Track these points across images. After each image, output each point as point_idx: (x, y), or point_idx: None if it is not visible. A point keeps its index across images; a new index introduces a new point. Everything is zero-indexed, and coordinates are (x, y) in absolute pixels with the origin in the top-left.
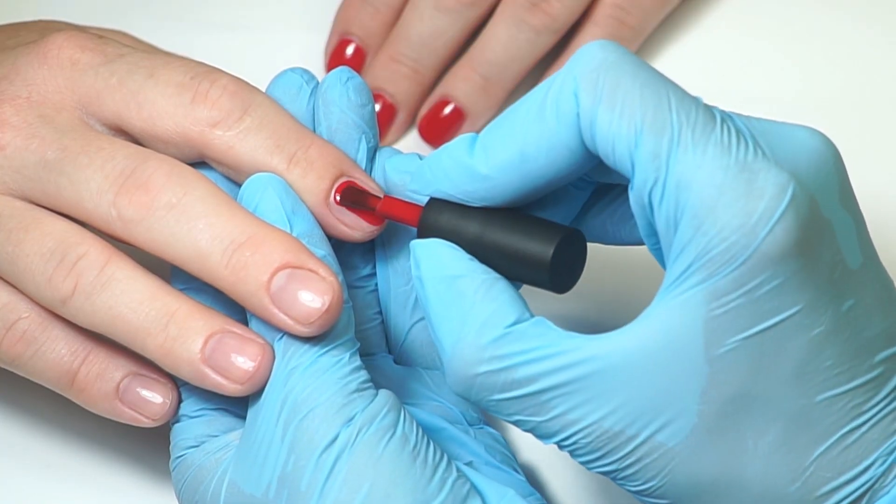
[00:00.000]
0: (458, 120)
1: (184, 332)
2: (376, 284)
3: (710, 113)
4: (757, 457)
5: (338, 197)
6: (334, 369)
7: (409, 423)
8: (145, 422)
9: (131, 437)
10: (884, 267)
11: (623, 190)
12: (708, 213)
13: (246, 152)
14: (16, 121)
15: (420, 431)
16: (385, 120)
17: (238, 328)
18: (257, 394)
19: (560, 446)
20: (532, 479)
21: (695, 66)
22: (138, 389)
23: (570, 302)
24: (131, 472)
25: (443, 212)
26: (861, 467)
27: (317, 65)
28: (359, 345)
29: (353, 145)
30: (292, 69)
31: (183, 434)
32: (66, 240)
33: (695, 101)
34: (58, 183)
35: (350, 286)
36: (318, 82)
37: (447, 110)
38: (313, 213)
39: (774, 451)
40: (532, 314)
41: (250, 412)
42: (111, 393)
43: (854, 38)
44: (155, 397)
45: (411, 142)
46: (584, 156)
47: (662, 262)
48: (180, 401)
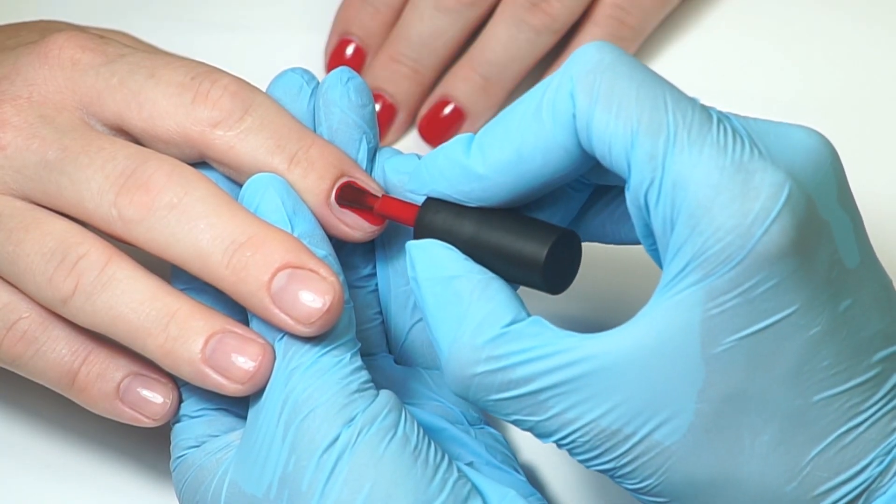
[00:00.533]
0: (458, 120)
1: (184, 332)
2: (377, 284)
3: (706, 113)
4: (754, 456)
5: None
6: (335, 369)
7: (410, 423)
8: (146, 422)
9: (132, 438)
10: (882, 267)
11: (621, 190)
12: (704, 213)
13: (247, 152)
14: (17, 121)
15: (421, 432)
16: (385, 120)
17: (239, 328)
18: (258, 394)
19: (558, 445)
20: (532, 479)
21: (695, 66)
22: (139, 389)
23: (568, 301)
24: (132, 472)
25: (439, 212)
26: (858, 467)
27: (317, 65)
28: (360, 345)
29: (353, 146)
30: (292, 69)
31: (184, 434)
32: (66, 240)
33: (691, 101)
34: (58, 183)
35: (351, 286)
36: (318, 82)
37: (447, 110)
38: (314, 213)
39: (771, 451)
40: (528, 314)
41: (251, 412)
42: (112, 393)
43: (854, 38)
44: (155, 397)
45: (411, 142)
46: (581, 157)
47: (659, 263)
48: (181, 401)
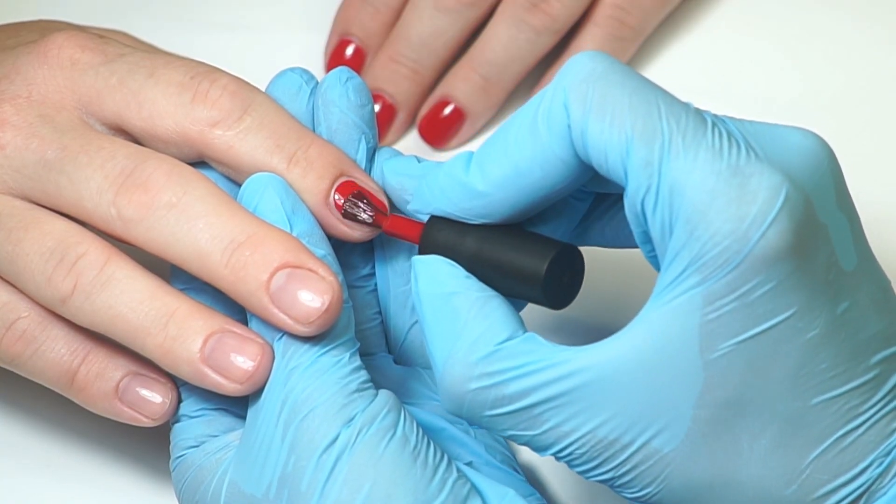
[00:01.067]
0: (458, 120)
1: (183, 331)
2: (376, 284)
3: (700, 118)
4: (752, 460)
5: (338, 197)
6: (334, 369)
7: (410, 423)
8: (145, 421)
9: (131, 437)
10: (880, 268)
11: (620, 196)
12: (701, 218)
13: (246, 152)
14: (16, 120)
15: (420, 432)
16: (385, 120)
17: (238, 328)
18: (257, 394)
19: (556, 457)
20: (532, 478)
21: (695, 66)
22: (138, 389)
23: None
24: (131, 472)
25: (442, 230)
26: (858, 469)
27: (317, 65)
28: (359, 345)
29: (352, 146)
30: (292, 69)
31: (183, 434)
32: (65, 239)
33: (685, 106)
34: (58, 182)
35: (350, 286)
36: (317, 82)
37: (447, 110)
38: (313, 212)
39: (770, 454)
40: (525, 330)
41: (250, 412)
42: (111, 392)
43: (854, 38)
44: (154, 397)
45: (411, 142)
46: (579, 167)
47: (659, 269)
48: (180, 400)
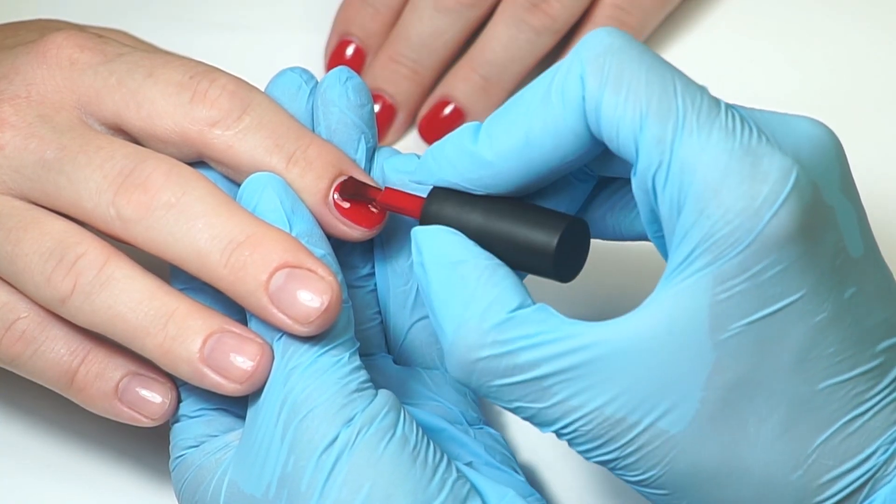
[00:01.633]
0: (458, 120)
1: (183, 331)
2: (375, 284)
3: (714, 100)
4: (759, 444)
5: (336, 196)
6: (334, 369)
7: (409, 423)
8: (144, 421)
9: (131, 437)
10: (884, 259)
11: (623, 183)
12: (712, 196)
13: (245, 152)
14: (15, 120)
15: (420, 432)
16: (385, 120)
17: (237, 328)
18: (257, 394)
19: (559, 434)
20: (531, 479)
21: (695, 66)
22: (137, 389)
23: (569, 298)
24: (131, 472)
25: (446, 201)
26: (863, 455)
27: (317, 65)
28: (358, 344)
29: (352, 145)
30: (291, 69)
31: (183, 434)
32: (65, 239)
33: (700, 88)
34: (57, 182)
35: (349, 286)
36: (316, 82)
37: (447, 110)
38: (312, 212)
39: (776, 439)
40: (534, 301)
41: (250, 412)
42: (110, 392)
43: (854, 38)
44: (154, 397)
45: (411, 142)
46: (589, 141)
47: (664, 251)
48: (179, 400)
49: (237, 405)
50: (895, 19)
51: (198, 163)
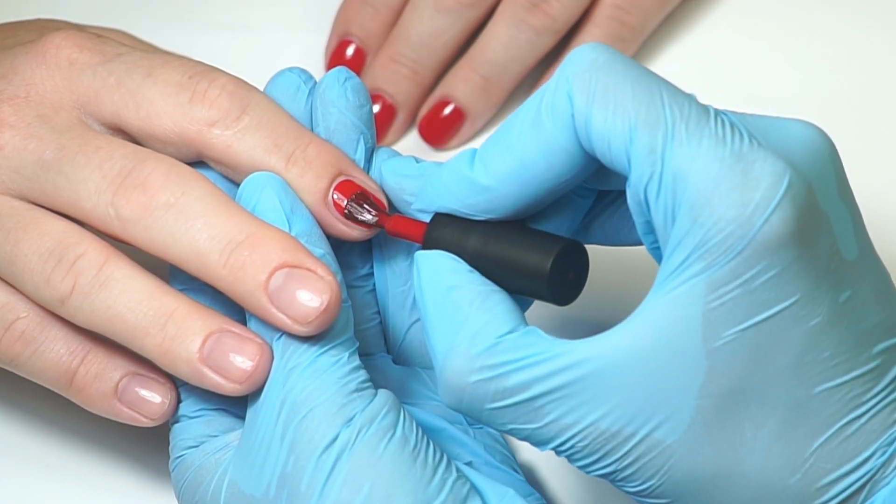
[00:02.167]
0: (458, 120)
1: (182, 331)
2: (374, 284)
3: (703, 108)
4: (756, 449)
5: (337, 196)
6: (333, 369)
7: (409, 423)
8: (144, 421)
9: (131, 438)
10: (881, 260)
11: (621, 192)
12: (704, 204)
13: (244, 151)
14: (14, 120)
15: (420, 431)
16: (385, 120)
17: (236, 328)
18: (256, 394)
19: (557, 452)
20: (531, 478)
21: (695, 66)
22: (137, 389)
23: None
24: (131, 472)
25: (446, 226)
26: (861, 458)
27: (317, 65)
28: (357, 344)
29: (351, 146)
30: (290, 69)
31: (182, 434)
32: (64, 239)
33: (688, 96)
34: (56, 182)
35: (348, 286)
36: (315, 82)
37: (447, 110)
38: (311, 211)
39: (773, 443)
40: (527, 324)
41: (249, 412)
42: (110, 393)
43: (854, 38)
44: (154, 397)
45: (411, 142)
46: (583, 158)
47: (661, 261)
48: (179, 400)
49: (237, 405)
50: (895, 19)
51: (197, 162)
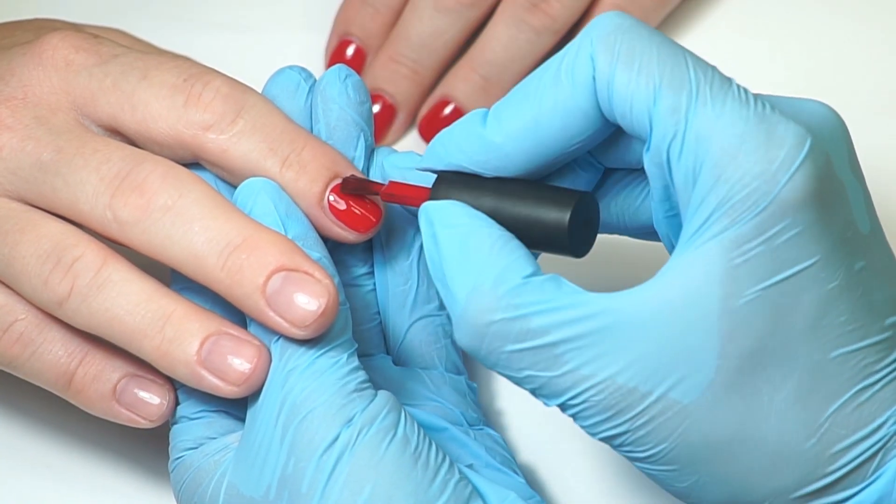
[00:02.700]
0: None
1: (180, 333)
2: (374, 284)
3: (725, 76)
4: (772, 413)
5: (331, 198)
6: (332, 370)
7: (410, 424)
8: (142, 423)
9: (131, 439)
10: (888, 242)
11: (627, 173)
12: (729, 160)
13: (239, 156)
14: (11, 122)
15: (421, 433)
16: (385, 120)
17: (234, 330)
18: (256, 395)
19: (567, 407)
20: (531, 480)
21: None
22: (135, 391)
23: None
24: (131, 473)
25: (455, 184)
26: (874, 425)
27: (317, 65)
28: (356, 345)
29: (351, 143)
30: (290, 67)
31: (181, 436)
32: (62, 242)
33: (711, 65)
34: (53, 185)
35: (348, 285)
36: (315, 80)
37: (447, 110)
38: (307, 215)
39: (790, 407)
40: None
41: (249, 414)
42: (108, 394)
43: (854, 38)
44: (152, 398)
45: (411, 142)
46: (598, 121)
47: (668, 242)
48: (177, 402)
49: (237, 407)
50: (895, 20)
51: (195, 164)
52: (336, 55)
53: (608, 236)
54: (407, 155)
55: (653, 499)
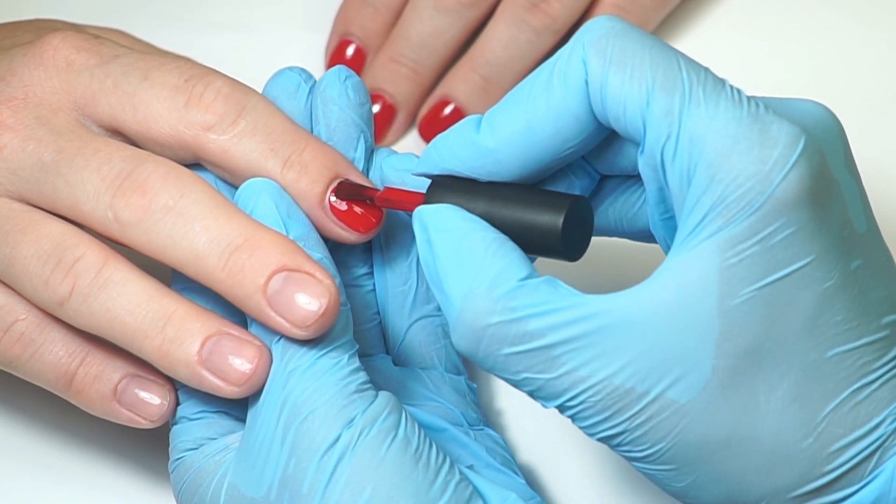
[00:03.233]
0: (457, 120)
1: (181, 334)
2: (374, 284)
3: (718, 77)
4: (769, 412)
5: (332, 198)
6: (333, 371)
7: (411, 424)
8: (143, 423)
9: (131, 439)
10: (884, 241)
11: (624, 179)
12: (723, 161)
13: (240, 156)
14: (12, 122)
15: (422, 433)
16: (385, 120)
17: (235, 330)
18: (256, 396)
19: (565, 408)
20: (531, 480)
21: None
22: (136, 391)
23: None
24: (131, 474)
25: (449, 188)
26: (872, 424)
27: (317, 65)
28: (357, 346)
29: (351, 144)
30: (290, 68)
31: (182, 436)
32: (63, 242)
33: (703, 67)
34: (54, 185)
35: (348, 285)
36: (315, 81)
37: (447, 111)
38: (308, 216)
39: (787, 407)
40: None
41: (250, 415)
42: (109, 394)
43: (854, 38)
44: (152, 398)
45: (411, 142)
46: (591, 125)
47: (665, 244)
48: (178, 402)
49: (237, 408)
50: (895, 20)
51: (196, 164)
52: (336, 55)
53: (603, 238)
54: (406, 157)
55: (651, 499)
